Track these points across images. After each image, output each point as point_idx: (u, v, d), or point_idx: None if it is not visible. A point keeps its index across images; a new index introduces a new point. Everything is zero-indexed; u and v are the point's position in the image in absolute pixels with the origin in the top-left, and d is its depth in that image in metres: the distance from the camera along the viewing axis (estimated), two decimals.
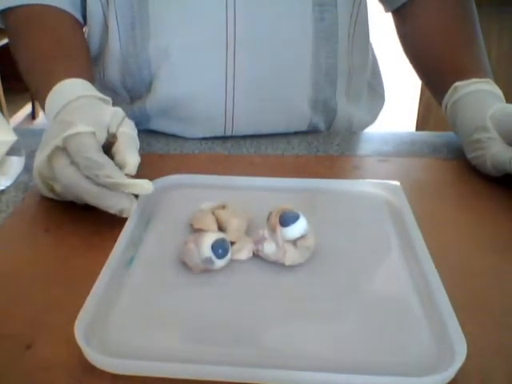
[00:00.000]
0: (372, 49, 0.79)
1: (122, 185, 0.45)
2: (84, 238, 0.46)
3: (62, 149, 0.46)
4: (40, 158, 0.47)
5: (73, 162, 0.45)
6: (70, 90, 0.53)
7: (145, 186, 0.46)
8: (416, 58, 0.72)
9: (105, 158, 0.45)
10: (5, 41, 2.43)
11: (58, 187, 0.48)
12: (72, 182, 0.45)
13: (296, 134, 0.69)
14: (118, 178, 0.45)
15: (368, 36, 0.75)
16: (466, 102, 0.59)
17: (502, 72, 1.41)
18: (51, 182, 0.49)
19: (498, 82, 0.61)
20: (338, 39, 0.67)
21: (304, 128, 0.70)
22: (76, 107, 0.51)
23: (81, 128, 0.46)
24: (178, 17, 0.62)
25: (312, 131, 0.70)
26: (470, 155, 0.58)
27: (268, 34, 0.63)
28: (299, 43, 0.65)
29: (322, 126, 0.71)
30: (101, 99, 0.54)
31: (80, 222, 0.48)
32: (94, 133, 0.46)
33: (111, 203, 0.45)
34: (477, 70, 0.62)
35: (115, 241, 0.43)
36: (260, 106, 0.66)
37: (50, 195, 0.50)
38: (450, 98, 0.62)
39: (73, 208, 0.49)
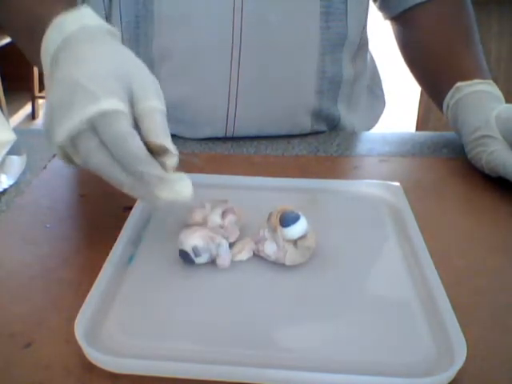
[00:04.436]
0: (370, 52, 0.79)
1: (164, 181, 0.39)
2: (84, 236, 0.46)
3: (88, 128, 0.38)
4: (61, 135, 0.39)
5: (102, 143, 0.39)
6: (73, 20, 0.44)
7: (184, 190, 0.40)
8: (416, 62, 0.72)
9: (143, 149, 0.39)
10: (5, 41, 2.44)
11: (78, 161, 0.41)
12: (103, 169, 0.39)
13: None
14: (159, 173, 0.39)
15: (368, 42, 0.75)
16: (469, 101, 0.59)
17: (502, 72, 1.40)
18: (72, 156, 0.41)
19: (497, 82, 0.61)
20: (344, 47, 0.67)
21: (306, 132, 0.70)
22: (85, 51, 0.42)
23: (110, 104, 0.38)
24: (183, 17, 0.61)
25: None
26: (470, 154, 0.58)
27: (274, 39, 0.63)
28: (305, 50, 0.65)
29: (324, 130, 0.71)
30: (111, 33, 0.45)
31: (80, 220, 0.48)
32: (126, 114, 0.39)
33: (146, 193, 0.40)
34: (478, 71, 0.62)
35: (115, 239, 0.43)
36: (262, 110, 0.66)
37: (71, 167, 0.44)
38: (451, 97, 0.62)
39: (73, 206, 0.49)
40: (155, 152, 0.40)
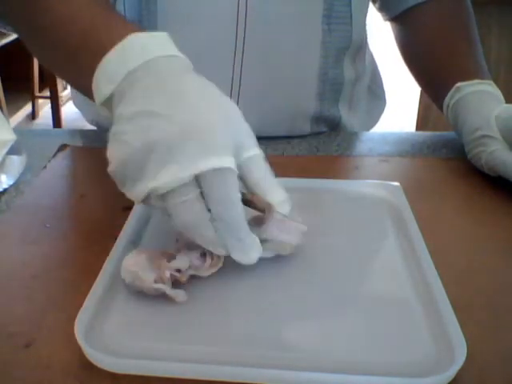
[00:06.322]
0: (370, 51, 0.79)
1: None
2: (84, 236, 0.46)
3: (192, 181, 0.36)
4: (164, 182, 0.36)
5: (198, 197, 0.36)
6: (155, 45, 0.40)
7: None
8: (416, 62, 0.72)
9: (244, 217, 0.37)
10: (5, 41, 2.43)
11: (159, 206, 0.38)
12: (193, 223, 0.37)
13: None
14: (251, 242, 0.38)
15: (367, 42, 0.75)
16: (469, 101, 0.59)
17: (502, 72, 1.41)
18: (153, 202, 0.39)
19: (497, 82, 0.62)
20: (348, 50, 0.67)
21: (306, 134, 0.70)
22: (185, 86, 0.38)
23: (224, 162, 0.36)
24: (186, 17, 0.61)
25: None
26: (470, 154, 0.58)
27: (277, 42, 0.63)
28: (307, 53, 0.65)
29: (324, 131, 0.71)
30: (189, 66, 0.42)
31: (80, 220, 0.48)
32: (236, 172, 0.37)
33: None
34: (478, 71, 0.62)
35: (115, 239, 0.43)
36: (263, 112, 0.66)
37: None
38: (451, 97, 0.61)
39: (73, 206, 0.49)
40: (258, 208, 0.39)
